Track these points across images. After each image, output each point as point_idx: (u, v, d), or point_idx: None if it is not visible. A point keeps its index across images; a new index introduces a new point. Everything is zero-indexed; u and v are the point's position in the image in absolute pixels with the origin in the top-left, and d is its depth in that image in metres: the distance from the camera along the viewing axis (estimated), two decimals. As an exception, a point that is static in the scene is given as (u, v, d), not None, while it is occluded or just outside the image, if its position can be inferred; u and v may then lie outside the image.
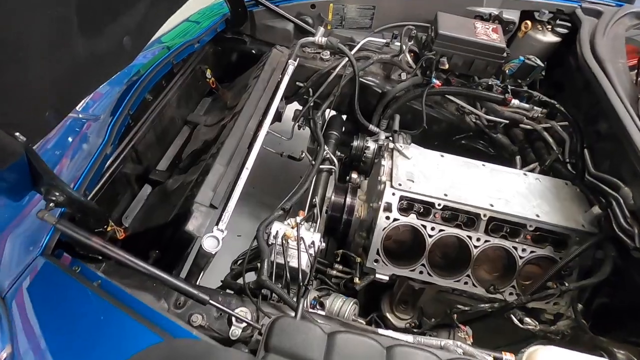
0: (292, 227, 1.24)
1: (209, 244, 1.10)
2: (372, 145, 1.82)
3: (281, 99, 1.65)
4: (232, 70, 2.08)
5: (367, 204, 1.55)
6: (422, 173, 1.42)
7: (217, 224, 1.15)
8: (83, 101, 1.32)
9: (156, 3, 1.23)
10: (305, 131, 2.06)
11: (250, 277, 1.16)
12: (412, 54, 1.85)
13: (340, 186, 1.67)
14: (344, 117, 2.10)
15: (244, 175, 1.29)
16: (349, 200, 1.60)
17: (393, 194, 1.36)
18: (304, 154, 2.00)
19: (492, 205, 1.34)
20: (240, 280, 1.16)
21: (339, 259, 1.54)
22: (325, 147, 1.77)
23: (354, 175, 1.77)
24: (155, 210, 1.49)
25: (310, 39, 1.81)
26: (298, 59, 1.83)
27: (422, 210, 1.38)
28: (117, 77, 1.30)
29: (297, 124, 2.00)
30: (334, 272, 1.51)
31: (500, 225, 1.35)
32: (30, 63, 0.84)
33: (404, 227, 1.38)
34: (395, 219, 1.36)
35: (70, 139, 1.19)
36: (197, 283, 1.21)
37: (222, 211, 1.18)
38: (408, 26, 1.77)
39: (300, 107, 2.03)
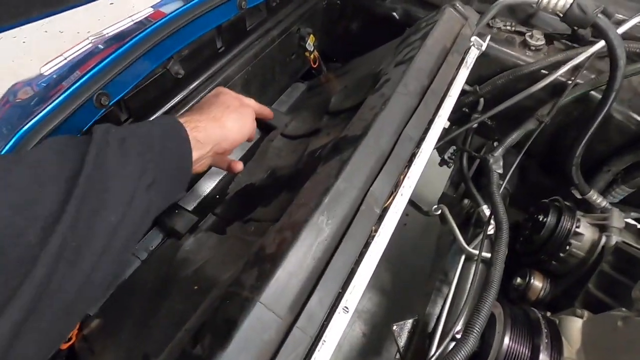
0: None
1: None
2: (588, 235, 0.90)
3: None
4: (352, 43, 1.21)
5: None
6: None
7: None
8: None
9: None
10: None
11: None
12: None
13: (519, 315, 0.75)
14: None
15: (341, 323, 0.43)
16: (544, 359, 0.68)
17: None
18: (440, 210, 1.08)
19: None
20: None
21: None
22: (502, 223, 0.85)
23: (538, 283, 0.89)
24: (142, 302, 0.71)
25: (529, -2, 0.86)
26: (489, 37, 0.91)
27: None
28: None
29: (439, 152, 1.11)
30: None
31: None
32: None
33: None
34: None
35: None
36: None
37: None
38: None
39: (446, 125, 1.14)
